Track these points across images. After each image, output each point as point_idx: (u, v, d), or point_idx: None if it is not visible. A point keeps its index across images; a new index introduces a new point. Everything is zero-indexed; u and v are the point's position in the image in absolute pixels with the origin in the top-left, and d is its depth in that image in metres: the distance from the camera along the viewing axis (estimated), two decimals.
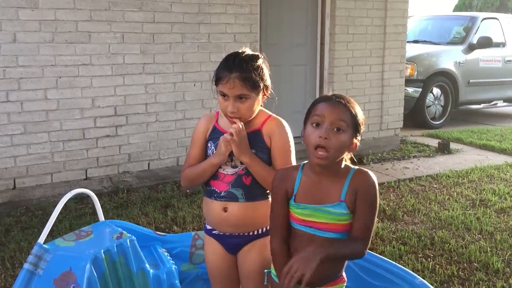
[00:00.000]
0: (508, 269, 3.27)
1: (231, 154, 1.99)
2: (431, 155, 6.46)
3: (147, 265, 2.72)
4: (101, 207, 2.76)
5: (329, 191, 1.69)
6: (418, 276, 2.52)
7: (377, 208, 1.72)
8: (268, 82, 2.02)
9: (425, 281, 2.46)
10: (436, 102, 8.55)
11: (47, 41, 4.42)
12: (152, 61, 4.94)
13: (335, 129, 1.64)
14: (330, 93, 1.74)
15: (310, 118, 1.69)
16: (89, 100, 4.68)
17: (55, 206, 2.44)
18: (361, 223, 1.67)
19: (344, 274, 1.84)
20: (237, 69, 1.92)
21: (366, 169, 1.73)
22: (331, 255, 1.66)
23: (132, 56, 4.83)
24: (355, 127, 1.67)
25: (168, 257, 2.88)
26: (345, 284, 1.84)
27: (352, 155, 1.80)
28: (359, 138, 1.71)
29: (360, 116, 1.70)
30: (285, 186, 1.77)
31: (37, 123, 4.46)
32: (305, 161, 1.80)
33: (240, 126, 1.94)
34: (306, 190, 1.73)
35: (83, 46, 4.58)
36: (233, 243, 2.10)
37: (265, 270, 1.97)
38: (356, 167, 1.75)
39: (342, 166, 1.73)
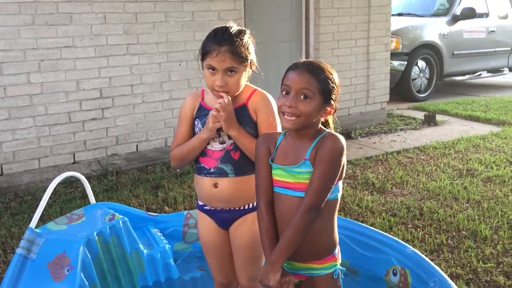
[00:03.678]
0: (496, 236, 3.34)
1: (219, 130, 2.00)
2: (418, 127, 6.51)
3: (141, 246, 2.73)
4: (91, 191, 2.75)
5: (299, 152, 1.75)
6: (409, 246, 2.56)
7: (333, 167, 1.69)
8: (254, 57, 2.03)
9: (416, 250, 2.51)
10: (421, 74, 8.57)
11: (27, 24, 4.32)
12: (136, 42, 4.87)
13: (302, 97, 1.69)
14: (302, 60, 1.78)
15: (281, 86, 1.76)
16: (74, 83, 4.61)
17: (44, 191, 2.43)
18: (312, 178, 1.70)
19: (337, 252, 1.84)
20: (227, 43, 1.93)
21: (337, 134, 1.75)
22: (287, 250, 1.69)
23: (115, 37, 4.75)
24: (325, 93, 1.71)
25: (161, 237, 2.90)
26: (337, 263, 1.83)
27: (341, 130, 1.82)
28: (333, 102, 1.75)
29: (332, 81, 1.73)
30: (267, 146, 1.83)
31: (21, 108, 4.39)
32: None
33: (226, 101, 1.94)
34: (282, 151, 1.80)
35: (64, 28, 4.49)
36: (224, 218, 2.11)
37: None
38: (329, 130, 1.79)
39: (318, 129, 1.77)
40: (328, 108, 1.75)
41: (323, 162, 1.69)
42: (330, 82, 1.73)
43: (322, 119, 1.79)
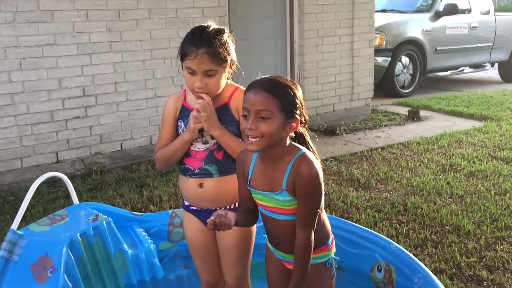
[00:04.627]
0: (479, 230, 3.38)
1: (201, 130, 1.99)
2: (402, 123, 6.56)
3: (125, 246, 2.71)
4: (75, 190, 2.73)
5: (274, 178, 1.74)
6: (393, 242, 2.59)
7: (317, 196, 1.70)
8: (234, 56, 2.01)
9: (400, 246, 2.53)
10: (405, 70, 8.64)
11: (8, 21, 4.25)
12: (119, 39, 4.82)
13: (260, 118, 1.65)
14: (259, 77, 1.73)
15: (242, 110, 1.72)
16: (56, 81, 4.55)
17: (26, 191, 2.40)
18: (300, 211, 1.72)
19: (330, 242, 1.89)
20: (205, 44, 1.89)
21: (309, 156, 1.71)
22: (303, 278, 1.73)
23: (98, 34, 4.70)
24: (286, 109, 1.66)
25: (146, 237, 2.88)
26: (331, 252, 1.88)
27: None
28: (298, 117, 1.70)
29: (292, 94, 1.68)
30: (243, 169, 1.84)
31: (2, 107, 4.32)
32: None
33: (207, 101, 1.93)
34: (257, 175, 1.79)
35: (46, 25, 4.43)
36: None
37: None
38: (302, 152, 1.72)
39: (287, 147, 1.73)
40: (293, 124, 1.70)
41: (305, 196, 1.69)
42: (289, 96, 1.67)
43: (292, 134, 1.75)
